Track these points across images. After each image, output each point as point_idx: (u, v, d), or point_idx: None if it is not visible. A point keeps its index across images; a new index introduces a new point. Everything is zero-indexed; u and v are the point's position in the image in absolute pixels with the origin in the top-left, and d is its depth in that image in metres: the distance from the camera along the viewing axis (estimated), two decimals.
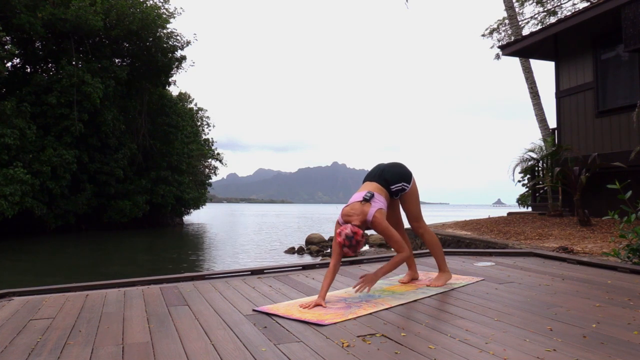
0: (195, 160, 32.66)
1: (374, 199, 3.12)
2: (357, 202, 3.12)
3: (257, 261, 12.98)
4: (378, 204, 3.11)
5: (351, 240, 2.92)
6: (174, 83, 29.56)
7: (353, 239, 2.92)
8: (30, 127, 19.48)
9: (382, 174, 3.30)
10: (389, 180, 3.27)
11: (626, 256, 4.46)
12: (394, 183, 3.28)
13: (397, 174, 3.32)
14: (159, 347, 2.19)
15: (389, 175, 3.30)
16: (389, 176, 3.29)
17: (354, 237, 2.92)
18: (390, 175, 3.29)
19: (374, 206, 3.09)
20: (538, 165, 10.67)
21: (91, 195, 22.98)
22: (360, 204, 3.10)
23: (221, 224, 34.23)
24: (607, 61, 9.21)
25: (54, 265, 12.83)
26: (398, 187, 3.29)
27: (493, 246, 7.11)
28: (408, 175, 3.36)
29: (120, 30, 23.03)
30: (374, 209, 3.07)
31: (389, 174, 3.30)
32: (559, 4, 17.37)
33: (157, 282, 3.77)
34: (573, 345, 2.07)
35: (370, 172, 3.42)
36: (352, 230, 2.94)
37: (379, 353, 2.04)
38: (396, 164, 3.41)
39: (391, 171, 3.32)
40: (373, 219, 3.05)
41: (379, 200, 3.13)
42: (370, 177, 3.34)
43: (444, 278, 3.43)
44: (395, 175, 3.30)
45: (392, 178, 3.28)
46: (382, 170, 3.33)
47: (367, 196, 3.12)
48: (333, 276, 3.04)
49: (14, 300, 3.28)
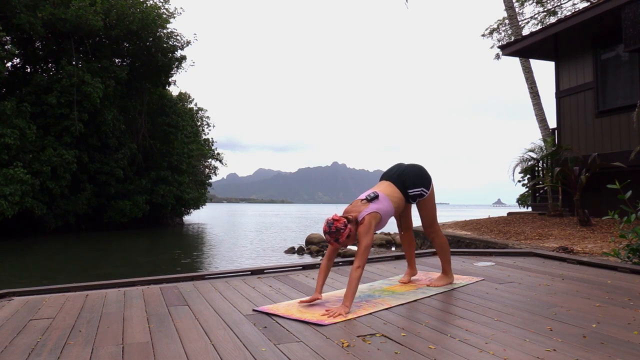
0: (195, 160, 32.68)
1: (375, 201, 3.04)
2: (359, 200, 3.07)
3: (257, 261, 12.98)
4: (376, 206, 3.01)
5: (331, 227, 2.86)
6: (174, 83, 29.59)
7: (333, 225, 2.86)
8: (30, 127, 19.48)
9: (401, 176, 3.20)
10: (407, 183, 3.17)
11: (626, 256, 4.46)
12: (413, 187, 3.18)
13: (416, 177, 3.21)
14: (159, 347, 2.19)
15: (408, 177, 3.19)
16: (407, 179, 3.18)
17: (334, 224, 2.86)
18: (409, 178, 3.19)
19: (371, 208, 3.00)
20: (538, 165, 10.67)
21: (91, 195, 22.98)
22: (361, 203, 3.04)
23: (221, 224, 34.23)
24: (607, 61, 9.21)
25: (54, 265, 12.83)
26: (416, 192, 3.19)
27: (493, 246, 7.11)
28: (428, 179, 3.25)
29: (120, 30, 23.04)
30: (368, 210, 2.98)
31: (407, 177, 3.19)
32: (559, 4, 17.37)
33: (157, 282, 3.77)
34: (573, 345, 2.07)
35: (388, 170, 3.33)
36: (334, 217, 2.90)
37: (379, 353, 2.04)
38: (416, 167, 3.29)
39: (410, 174, 3.21)
40: (362, 219, 2.96)
41: (380, 204, 3.03)
42: (387, 176, 3.25)
43: (445, 280, 3.41)
44: (415, 179, 3.19)
45: (410, 181, 3.18)
46: (401, 172, 3.22)
47: (369, 196, 3.05)
48: (326, 270, 2.99)
49: (14, 300, 3.28)
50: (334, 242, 2.89)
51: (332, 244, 2.91)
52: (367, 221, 2.92)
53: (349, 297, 2.76)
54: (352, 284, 2.78)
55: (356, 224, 2.96)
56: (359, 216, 2.96)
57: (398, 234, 3.65)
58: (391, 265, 4.34)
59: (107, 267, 12.26)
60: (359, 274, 2.81)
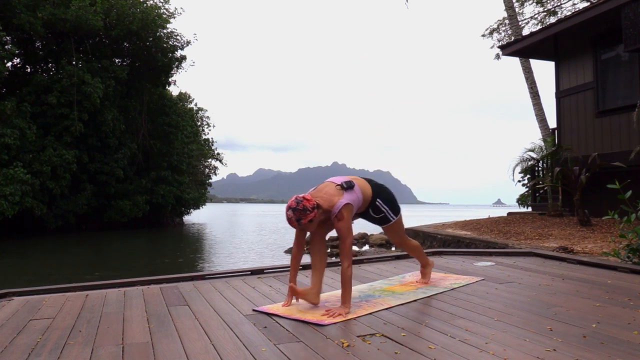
0: (195, 160, 32.67)
1: (351, 191, 2.82)
2: (333, 185, 2.84)
3: (257, 261, 12.98)
4: (351, 197, 2.80)
5: (298, 204, 2.66)
6: (174, 83, 29.58)
7: (301, 203, 2.66)
8: (30, 127, 19.47)
9: (377, 185, 3.08)
10: (380, 195, 3.03)
11: (626, 256, 4.46)
12: (383, 201, 3.03)
13: (389, 198, 3.08)
14: (159, 347, 2.19)
15: (383, 191, 3.07)
16: (382, 192, 3.05)
17: (303, 202, 2.67)
18: (383, 193, 3.06)
19: (346, 199, 2.77)
20: (538, 165, 10.67)
21: (91, 195, 22.97)
22: (335, 189, 2.81)
23: (221, 224, 34.22)
24: (607, 61, 9.21)
25: (54, 265, 12.82)
26: (382, 208, 3.02)
27: (493, 246, 7.11)
28: (397, 207, 3.12)
29: (120, 30, 23.04)
30: (344, 201, 2.75)
31: (383, 190, 3.07)
32: (559, 4, 17.37)
33: (157, 282, 3.77)
34: (573, 345, 2.07)
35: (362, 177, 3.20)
36: (305, 196, 2.71)
37: (379, 353, 2.04)
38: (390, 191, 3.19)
39: (387, 191, 3.11)
40: (339, 213, 2.73)
41: (355, 195, 2.84)
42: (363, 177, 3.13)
43: (428, 270, 3.48)
44: (388, 196, 3.08)
45: (384, 196, 3.05)
46: (378, 184, 3.11)
47: (345, 184, 2.83)
48: (298, 258, 2.94)
49: (14, 300, 3.28)
50: (294, 222, 2.68)
51: (292, 223, 2.70)
52: (347, 217, 2.74)
53: (346, 297, 2.74)
54: (347, 283, 2.74)
55: (325, 214, 2.76)
56: (334, 208, 2.74)
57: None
58: (391, 265, 4.34)
59: (107, 267, 12.26)
60: (350, 272, 2.75)
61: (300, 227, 2.74)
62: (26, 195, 18.54)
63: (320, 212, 2.74)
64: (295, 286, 2.85)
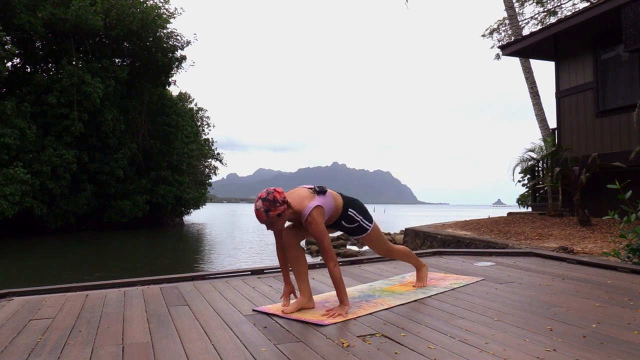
0: (195, 160, 32.69)
1: (323, 195, 2.79)
2: (305, 188, 2.83)
3: (257, 261, 12.98)
4: (323, 201, 2.76)
5: (269, 195, 2.62)
6: (174, 83, 29.60)
7: (271, 194, 2.62)
8: (30, 127, 19.49)
9: (348, 196, 3.03)
10: (351, 204, 2.98)
11: (626, 256, 4.46)
12: (357, 211, 2.98)
13: (362, 207, 3.04)
14: (159, 347, 2.19)
15: (354, 202, 3.02)
16: (353, 202, 3.01)
17: (274, 193, 2.63)
18: (355, 203, 3.02)
19: (317, 201, 2.73)
20: (538, 165, 10.67)
21: (91, 195, 22.99)
22: (307, 191, 2.78)
23: (221, 224, 34.23)
24: (607, 61, 9.21)
25: (54, 265, 12.82)
26: (357, 217, 2.97)
27: (493, 246, 7.10)
28: (370, 217, 3.04)
29: (120, 30, 23.05)
30: (315, 203, 2.71)
31: (354, 200, 3.03)
32: (559, 4, 17.37)
33: (157, 282, 3.77)
34: (573, 345, 2.07)
35: None
36: (277, 189, 2.66)
37: (379, 353, 2.04)
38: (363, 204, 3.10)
39: (358, 202, 3.05)
40: (309, 217, 2.67)
41: (327, 199, 2.80)
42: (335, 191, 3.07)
43: (424, 273, 3.42)
44: (360, 206, 3.02)
45: (356, 204, 3.00)
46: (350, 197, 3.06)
47: (318, 188, 2.80)
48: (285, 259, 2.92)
49: (14, 300, 3.28)
50: (262, 213, 2.62)
51: (260, 215, 2.63)
52: (319, 220, 2.69)
53: (342, 296, 2.72)
54: (339, 283, 2.72)
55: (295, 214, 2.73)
56: (305, 210, 2.69)
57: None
58: (391, 265, 4.34)
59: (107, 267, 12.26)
60: (338, 271, 2.70)
61: (268, 220, 2.64)
62: (26, 195, 18.55)
63: (291, 212, 2.70)
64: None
